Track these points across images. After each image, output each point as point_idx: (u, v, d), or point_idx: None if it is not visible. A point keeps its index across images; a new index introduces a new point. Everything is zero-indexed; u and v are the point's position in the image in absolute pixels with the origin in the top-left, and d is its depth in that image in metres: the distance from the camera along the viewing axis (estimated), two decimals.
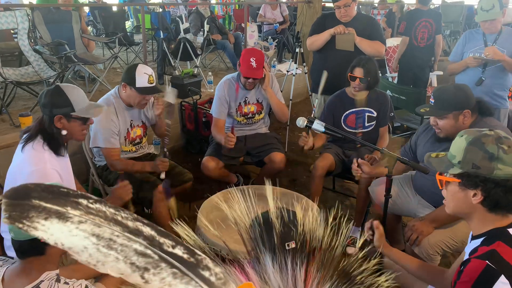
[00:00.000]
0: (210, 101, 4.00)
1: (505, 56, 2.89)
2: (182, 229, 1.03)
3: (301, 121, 1.92)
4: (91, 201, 0.65)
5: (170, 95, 2.64)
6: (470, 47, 3.08)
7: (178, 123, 4.11)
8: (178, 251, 0.66)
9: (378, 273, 0.97)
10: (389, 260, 1.66)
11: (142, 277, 0.63)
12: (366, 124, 2.84)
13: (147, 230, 0.65)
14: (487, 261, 1.15)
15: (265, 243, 0.99)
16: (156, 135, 2.91)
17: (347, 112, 2.83)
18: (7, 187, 1.81)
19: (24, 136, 1.82)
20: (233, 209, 1.07)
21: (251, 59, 2.75)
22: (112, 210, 0.65)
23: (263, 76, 2.85)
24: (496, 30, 2.97)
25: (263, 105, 3.03)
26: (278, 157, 2.87)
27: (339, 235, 1.00)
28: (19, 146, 1.84)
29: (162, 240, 0.65)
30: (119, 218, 0.65)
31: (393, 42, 5.48)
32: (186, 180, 2.67)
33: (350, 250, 2.42)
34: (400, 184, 2.34)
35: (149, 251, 0.64)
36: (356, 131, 2.83)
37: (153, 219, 2.53)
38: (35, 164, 1.74)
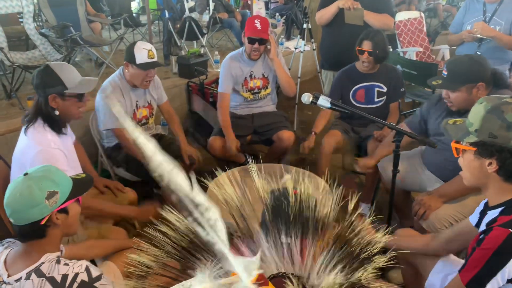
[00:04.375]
0: (217, 81, 3.95)
1: (495, 32, 2.76)
2: (173, 216, 1.02)
3: (306, 97, 1.88)
4: None
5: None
6: (470, 17, 2.96)
7: (185, 104, 4.10)
8: None
9: (374, 231, 0.96)
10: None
11: None
12: (376, 100, 2.79)
13: None
14: (510, 230, 1.15)
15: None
16: (164, 118, 2.90)
17: (356, 87, 2.77)
18: (13, 170, 1.83)
19: (25, 119, 1.83)
20: (224, 190, 1.06)
21: (255, 21, 2.71)
22: None
23: (268, 43, 2.79)
24: None
25: (269, 80, 2.98)
26: (286, 135, 2.84)
27: (331, 201, 0.98)
28: (22, 129, 1.85)
29: None
30: None
31: (404, 15, 5.31)
32: (192, 161, 2.66)
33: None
34: (409, 160, 2.31)
35: None
36: (367, 106, 2.77)
37: (161, 199, 2.55)
38: (39, 144, 1.75)
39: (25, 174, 1.23)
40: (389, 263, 0.94)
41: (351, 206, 1.06)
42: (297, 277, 0.86)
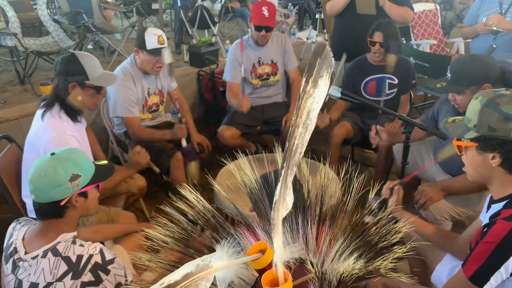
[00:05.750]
0: None
1: (504, 20, 2.70)
2: (191, 195, 1.04)
3: None
4: None
5: (166, 55, 2.47)
6: (485, 10, 2.89)
7: (196, 93, 4.11)
8: None
9: (394, 221, 0.96)
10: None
11: None
12: (387, 92, 2.76)
13: None
14: None
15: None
16: (174, 105, 2.92)
17: (367, 79, 2.75)
18: (26, 153, 1.86)
19: (42, 103, 1.85)
20: (244, 173, 1.08)
21: (263, 8, 2.68)
22: None
23: (275, 26, 2.81)
24: None
25: (278, 66, 2.96)
26: None
27: (351, 188, 0.98)
28: (38, 113, 1.87)
29: None
30: None
31: (419, 7, 5.22)
32: (201, 149, 2.68)
33: (368, 219, 2.41)
34: (425, 148, 2.30)
35: None
36: (378, 98, 2.75)
37: (171, 185, 2.57)
38: (54, 130, 1.78)
39: (52, 153, 1.25)
40: (408, 253, 0.95)
41: (372, 194, 1.06)
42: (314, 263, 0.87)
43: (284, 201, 0.75)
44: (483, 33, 2.85)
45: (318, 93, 0.73)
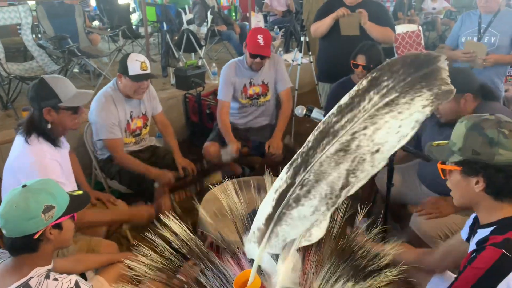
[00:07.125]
0: (214, 93, 3.95)
1: (504, 57, 2.78)
2: (176, 225, 1.01)
3: (300, 110, 1.87)
4: None
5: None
6: (465, 30, 2.96)
7: (183, 116, 4.09)
8: None
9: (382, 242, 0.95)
10: None
11: None
12: None
13: None
14: (503, 250, 1.12)
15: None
16: (158, 129, 2.89)
17: None
18: (6, 180, 1.81)
19: (19, 131, 1.82)
20: (230, 199, 1.06)
21: (258, 37, 2.68)
22: None
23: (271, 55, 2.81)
24: (493, 10, 2.82)
25: (269, 87, 2.95)
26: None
27: (336, 215, 0.97)
28: (17, 139, 1.83)
29: None
30: None
31: (402, 29, 5.33)
32: (186, 173, 2.64)
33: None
34: (407, 173, 2.28)
35: None
36: None
37: (154, 211, 2.52)
38: (34, 155, 1.74)
39: (24, 186, 1.21)
40: (399, 276, 0.93)
41: (359, 218, 1.05)
42: None
43: (308, 231, 0.73)
44: (462, 61, 2.89)
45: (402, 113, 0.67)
